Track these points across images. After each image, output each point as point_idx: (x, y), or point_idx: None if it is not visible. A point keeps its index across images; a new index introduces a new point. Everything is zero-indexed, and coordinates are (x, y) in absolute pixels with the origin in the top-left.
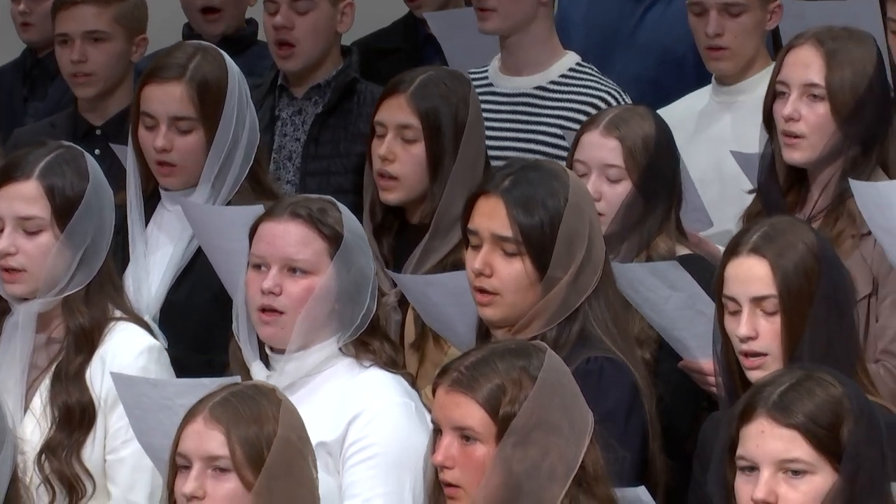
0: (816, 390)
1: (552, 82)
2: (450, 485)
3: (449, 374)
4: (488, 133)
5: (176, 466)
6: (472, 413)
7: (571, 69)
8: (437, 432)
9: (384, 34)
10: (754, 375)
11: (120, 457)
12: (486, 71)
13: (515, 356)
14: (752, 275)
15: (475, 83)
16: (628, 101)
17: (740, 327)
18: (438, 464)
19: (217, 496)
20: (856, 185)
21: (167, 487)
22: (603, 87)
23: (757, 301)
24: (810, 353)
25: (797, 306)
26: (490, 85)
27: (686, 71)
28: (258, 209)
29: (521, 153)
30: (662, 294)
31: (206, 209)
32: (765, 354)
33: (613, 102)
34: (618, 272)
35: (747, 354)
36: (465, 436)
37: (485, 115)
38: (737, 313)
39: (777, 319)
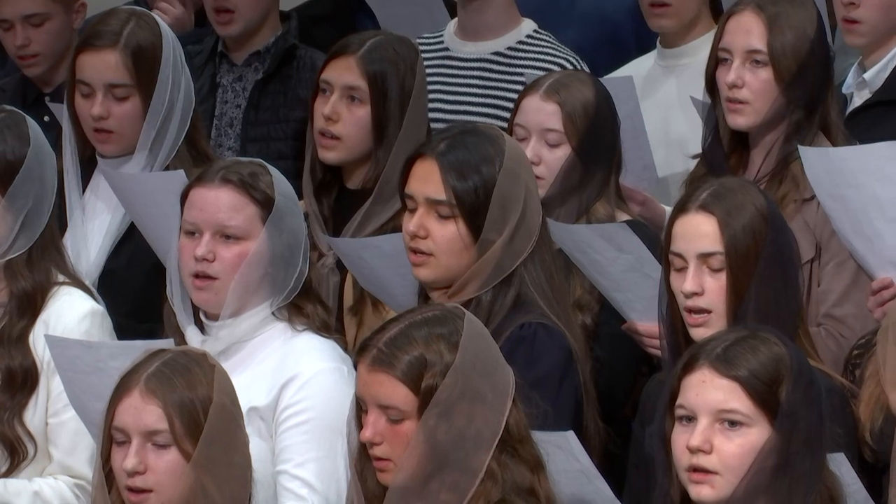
0: (760, 347)
1: (510, 48)
2: (379, 458)
3: (368, 350)
4: (445, 98)
5: (111, 439)
6: (394, 391)
7: (529, 36)
8: (361, 406)
9: (316, 1)
10: (697, 333)
11: (61, 420)
12: (442, 36)
13: (433, 324)
14: (699, 231)
15: (431, 48)
16: (585, 68)
17: (686, 283)
18: (367, 440)
19: (158, 469)
20: (804, 151)
21: (100, 457)
22: (560, 55)
23: (703, 257)
24: (755, 312)
25: (743, 265)
26: (446, 50)
27: (624, 40)
28: (179, 174)
29: (477, 118)
30: (609, 256)
31: (128, 178)
32: (709, 311)
33: (569, 68)
34: (565, 233)
35: (691, 311)
36: (391, 417)
37: (441, 79)
38: (683, 270)
39: (723, 276)
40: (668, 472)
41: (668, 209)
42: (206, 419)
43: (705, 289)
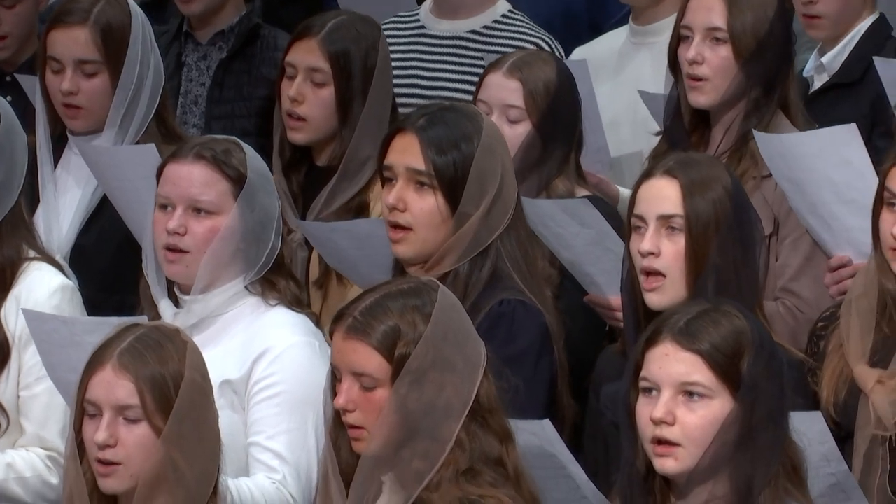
0: (722, 321)
1: (485, 27)
2: (353, 426)
3: (344, 319)
4: (422, 74)
5: (83, 411)
6: (368, 359)
7: (504, 16)
8: (336, 375)
9: None
10: (651, 299)
11: (33, 393)
12: (418, 14)
13: (408, 296)
14: (662, 194)
15: (406, 26)
16: (558, 48)
17: (643, 242)
18: (340, 407)
19: (128, 443)
20: (760, 137)
21: (72, 429)
22: (535, 35)
23: (663, 219)
24: (717, 281)
25: (702, 233)
26: (422, 28)
27: (577, 19)
28: (151, 148)
29: (453, 95)
30: (572, 230)
31: (102, 150)
32: (663, 275)
33: (545, 48)
34: (529, 208)
35: (646, 273)
36: (364, 384)
37: (417, 56)
38: (643, 233)
39: (681, 240)
40: (634, 443)
41: (624, 190)
42: (177, 395)
43: (662, 251)
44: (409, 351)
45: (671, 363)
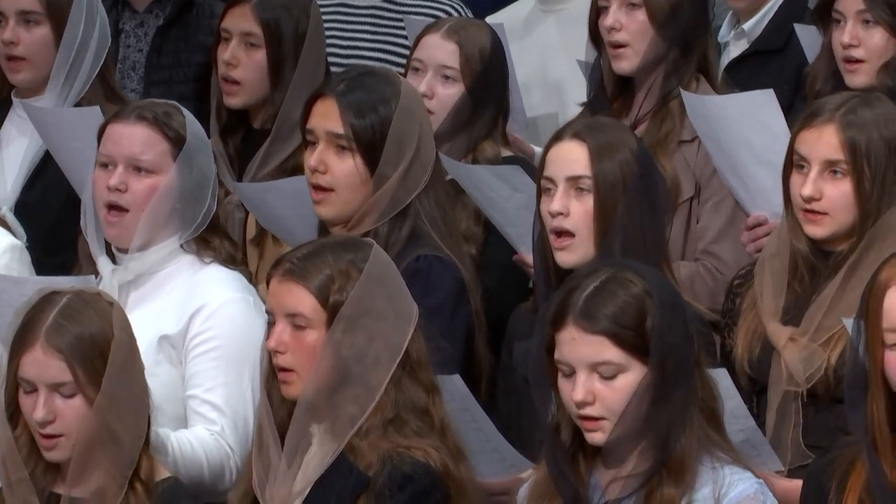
0: (619, 292)
1: None
2: (283, 369)
3: (282, 264)
4: (339, 44)
5: (17, 385)
6: (303, 300)
7: None
8: (272, 322)
9: None
10: (561, 257)
11: None
12: None
13: (345, 250)
14: (570, 157)
15: None
16: (468, 13)
17: (553, 203)
18: (271, 349)
19: (67, 416)
20: (686, 96)
21: (3, 398)
22: (446, 2)
23: (572, 181)
24: (624, 240)
25: (610, 192)
26: None
27: None
28: (95, 110)
29: (368, 63)
30: (504, 194)
31: (47, 112)
32: (572, 235)
33: (455, 15)
34: (463, 172)
35: (557, 233)
36: (297, 323)
37: (336, 26)
38: (553, 194)
39: (589, 201)
40: (557, 411)
41: (538, 150)
42: (104, 360)
43: (571, 211)
44: (343, 298)
45: (579, 347)
